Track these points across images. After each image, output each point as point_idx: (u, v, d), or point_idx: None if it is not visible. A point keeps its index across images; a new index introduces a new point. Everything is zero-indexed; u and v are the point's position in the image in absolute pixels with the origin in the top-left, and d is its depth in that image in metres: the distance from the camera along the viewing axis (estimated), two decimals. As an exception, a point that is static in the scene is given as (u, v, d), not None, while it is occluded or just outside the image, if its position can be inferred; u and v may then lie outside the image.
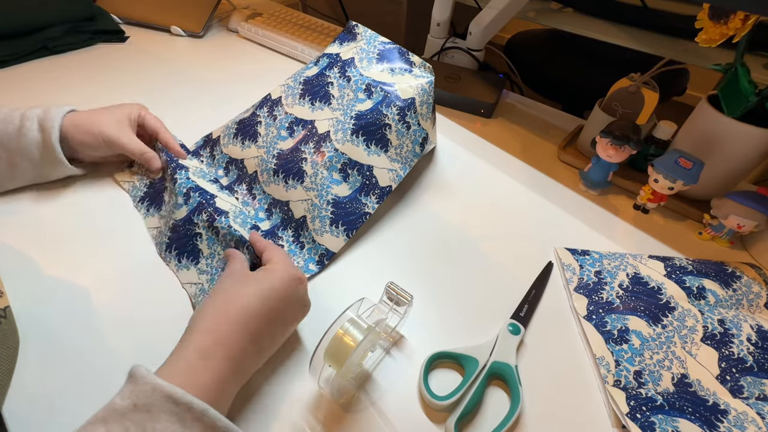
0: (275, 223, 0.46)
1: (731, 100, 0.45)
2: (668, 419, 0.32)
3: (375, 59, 0.51)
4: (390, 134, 0.47)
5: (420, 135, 0.50)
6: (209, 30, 0.90)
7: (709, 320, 0.38)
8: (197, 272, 0.41)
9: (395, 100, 0.48)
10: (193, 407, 0.24)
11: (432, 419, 0.32)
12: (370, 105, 0.48)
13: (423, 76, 0.51)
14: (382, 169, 0.47)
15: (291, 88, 0.53)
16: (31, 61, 0.72)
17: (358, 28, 0.55)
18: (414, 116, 0.49)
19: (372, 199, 0.46)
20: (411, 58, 0.52)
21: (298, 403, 0.33)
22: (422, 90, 0.49)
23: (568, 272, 0.44)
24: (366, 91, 0.49)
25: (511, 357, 0.35)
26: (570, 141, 0.61)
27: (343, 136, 0.47)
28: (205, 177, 0.49)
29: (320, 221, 0.44)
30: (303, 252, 0.44)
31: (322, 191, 0.45)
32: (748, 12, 0.38)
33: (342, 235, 0.44)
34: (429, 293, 0.41)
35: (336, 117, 0.48)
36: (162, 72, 0.73)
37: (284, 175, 0.47)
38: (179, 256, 0.42)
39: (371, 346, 0.34)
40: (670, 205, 0.52)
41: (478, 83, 0.70)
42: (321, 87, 0.51)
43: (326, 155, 0.46)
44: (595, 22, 0.83)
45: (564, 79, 0.99)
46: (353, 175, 0.46)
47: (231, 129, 0.53)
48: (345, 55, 0.53)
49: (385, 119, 0.47)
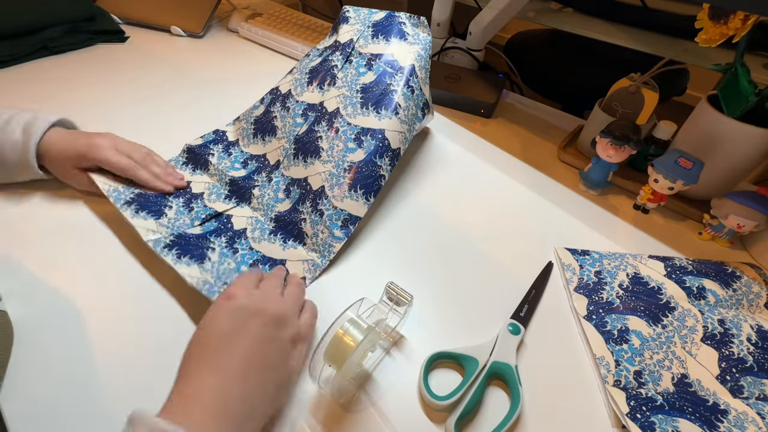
0: (294, 200, 0.47)
1: (731, 100, 0.45)
2: (668, 419, 0.32)
3: (370, 35, 0.54)
4: (398, 97, 0.49)
5: (421, 100, 0.52)
6: (209, 30, 0.90)
7: (709, 320, 0.38)
8: (200, 269, 0.40)
9: (397, 68, 0.51)
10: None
11: (432, 419, 0.32)
12: (373, 77, 0.50)
13: (417, 43, 0.53)
14: (393, 131, 0.48)
15: (298, 80, 0.55)
16: (31, 61, 0.72)
17: (349, 12, 0.57)
18: (416, 81, 0.51)
19: (386, 161, 0.47)
20: (404, 28, 0.54)
21: (298, 404, 0.33)
22: (419, 56, 0.52)
23: (568, 272, 0.44)
24: (367, 65, 0.51)
25: (511, 357, 0.35)
26: (570, 141, 0.61)
27: (354, 110, 0.49)
28: (219, 195, 0.49)
29: (339, 188, 0.45)
30: (323, 219, 0.44)
31: (338, 161, 0.47)
32: (748, 12, 0.38)
33: (362, 199, 0.45)
34: (429, 293, 0.41)
35: (342, 93, 0.50)
36: (162, 72, 0.73)
37: (303, 155, 0.49)
38: (181, 256, 0.40)
39: (371, 346, 0.34)
40: (670, 205, 0.52)
41: (478, 83, 0.70)
42: (326, 71, 0.53)
43: (340, 130, 0.48)
44: (595, 22, 0.83)
45: (564, 79, 0.99)
46: (367, 140, 0.47)
47: (248, 130, 0.55)
48: (343, 38, 0.55)
49: (390, 86, 0.49)
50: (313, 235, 0.44)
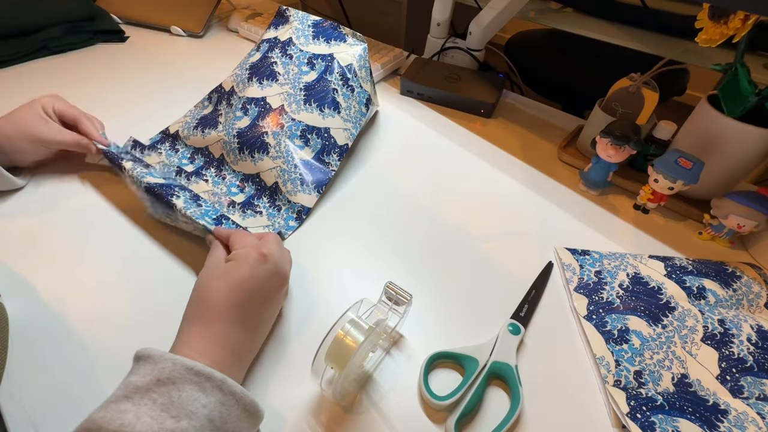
0: (249, 195, 0.50)
1: (731, 100, 0.45)
2: (668, 419, 0.32)
3: (311, 35, 0.56)
4: (338, 97, 0.53)
5: (363, 96, 0.56)
6: (209, 30, 0.90)
7: (709, 320, 0.38)
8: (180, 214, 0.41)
9: (336, 68, 0.53)
10: (213, 377, 0.26)
11: (432, 419, 0.32)
12: (315, 75, 0.53)
13: (357, 44, 0.56)
14: (337, 129, 0.52)
15: (239, 76, 0.56)
16: (31, 61, 0.72)
17: (289, 11, 0.59)
18: (355, 80, 0.54)
19: (333, 157, 0.52)
20: (342, 30, 0.57)
21: (300, 406, 0.33)
22: (359, 56, 0.55)
23: (568, 272, 0.44)
24: (309, 64, 0.54)
25: (511, 357, 0.35)
26: (570, 141, 0.61)
27: (297, 107, 0.51)
28: (170, 173, 0.51)
29: (291, 183, 0.49)
30: (281, 213, 0.48)
31: (288, 157, 0.50)
32: (748, 12, 0.38)
33: (313, 192, 0.49)
34: (429, 293, 0.41)
35: (286, 91, 0.52)
36: (162, 72, 0.73)
37: (249, 151, 0.50)
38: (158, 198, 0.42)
39: (372, 346, 0.34)
40: (670, 205, 0.52)
41: (478, 83, 0.70)
42: (266, 67, 0.54)
43: (285, 125, 0.50)
44: (595, 22, 0.83)
45: (564, 79, 0.99)
46: (313, 138, 0.51)
47: (191, 123, 0.56)
48: (282, 36, 0.57)
49: (331, 84, 0.53)
50: (270, 225, 0.47)
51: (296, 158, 0.49)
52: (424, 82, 0.70)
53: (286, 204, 0.48)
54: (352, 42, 0.56)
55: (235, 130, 0.51)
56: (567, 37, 0.97)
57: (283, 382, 0.34)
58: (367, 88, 0.56)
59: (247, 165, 0.50)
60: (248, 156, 0.50)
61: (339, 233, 0.47)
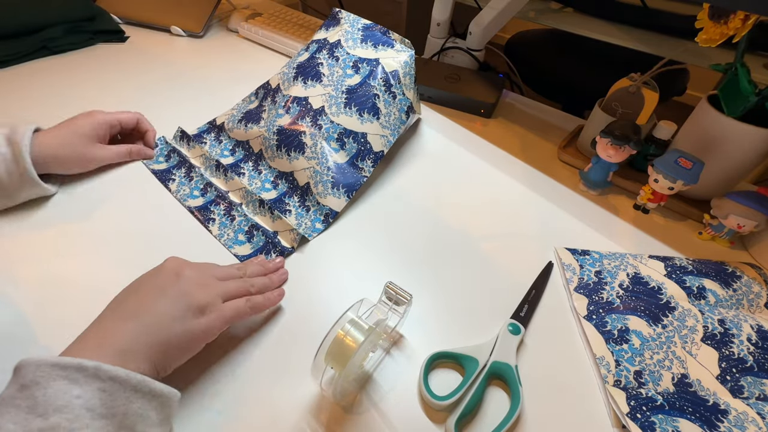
0: (281, 192, 0.50)
1: (731, 100, 0.45)
2: (668, 419, 0.32)
3: (359, 39, 0.56)
4: (379, 103, 0.52)
5: (405, 104, 0.55)
6: (209, 30, 0.90)
7: (709, 320, 0.38)
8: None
9: (381, 73, 0.53)
10: (83, 366, 0.25)
11: (432, 419, 0.32)
12: (358, 79, 0.53)
13: (404, 51, 0.56)
14: (374, 135, 0.52)
15: (286, 74, 0.57)
16: (31, 61, 0.72)
17: (341, 14, 0.58)
18: (399, 86, 0.54)
19: (368, 163, 0.51)
20: (391, 36, 0.56)
21: (300, 406, 0.33)
22: (404, 63, 0.55)
23: (568, 272, 0.44)
24: (354, 68, 0.53)
25: (511, 357, 0.35)
26: (570, 141, 0.61)
27: (338, 110, 0.51)
28: (211, 166, 0.53)
29: (323, 185, 0.49)
30: (309, 214, 0.48)
31: (322, 159, 0.50)
32: (748, 12, 0.38)
33: (343, 197, 0.49)
34: (429, 293, 0.41)
35: (328, 92, 0.53)
36: (162, 72, 0.73)
37: (286, 149, 0.51)
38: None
39: (372, 346, 0.34)
40: (670, 205, 0.52)
41: (478, 83, 0.70)
42: (312, 68, 0.55)
43: (323, 127, 0.50)
44: (595, 22, 0.83)
45: (564, 79, 0.99)
46: (349, 142, 0.51)
47: (236, 116, 0.57)
48: (332, 38, 0.57)
49: (373, 90, 0.52)
50: (297, 225, 0.47)
51: (330, 161, 0.50)
52: (424, 82, 0.70)
53: (315, 205, 0.48)
54: (400, 48, 0.55)
55: (275, 126, 0.52)
56: (567, 37, 0.97)
57: (283, 382, 0.34)
58: (410, 95, 0.55)
59: (283, 162, 0.51)
60: (285, 154, 0.51)
61: (339, 233, 0.47)
